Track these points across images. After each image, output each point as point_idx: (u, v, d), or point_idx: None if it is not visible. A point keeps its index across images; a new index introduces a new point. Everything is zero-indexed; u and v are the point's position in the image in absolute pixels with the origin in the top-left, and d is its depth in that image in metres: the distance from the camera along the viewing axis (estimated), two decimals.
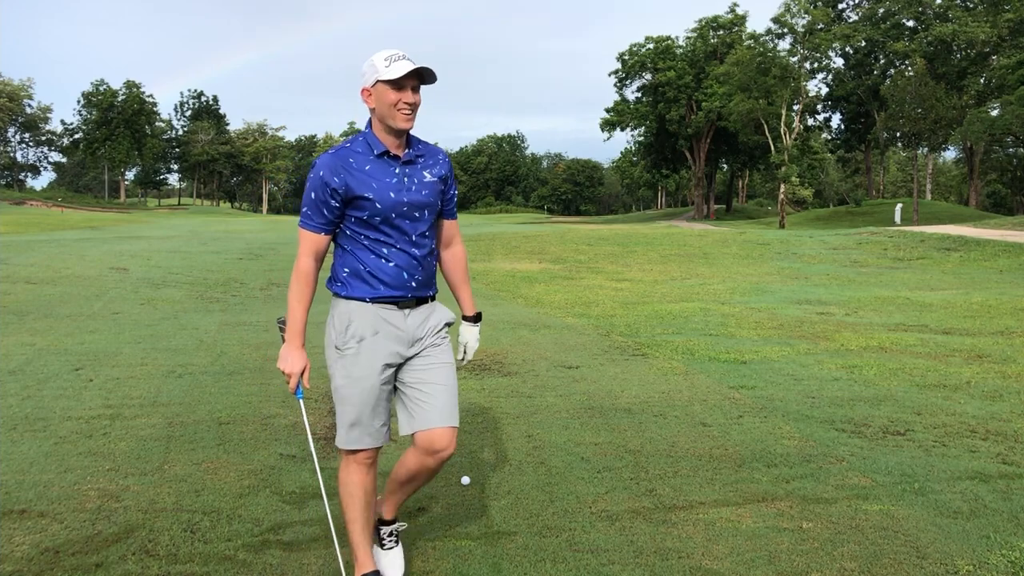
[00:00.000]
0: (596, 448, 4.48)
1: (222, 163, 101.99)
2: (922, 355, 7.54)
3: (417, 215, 2.68)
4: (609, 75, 76.36)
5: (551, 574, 2.94)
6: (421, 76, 2.59)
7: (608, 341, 8.33)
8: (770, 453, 4.39)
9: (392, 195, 2.62)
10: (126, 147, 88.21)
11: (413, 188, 2.67)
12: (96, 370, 6.43)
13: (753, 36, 63.97)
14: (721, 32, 70.09)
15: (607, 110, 76.38)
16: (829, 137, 76.62)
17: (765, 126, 56.82)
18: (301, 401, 2.76)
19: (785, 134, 56.33)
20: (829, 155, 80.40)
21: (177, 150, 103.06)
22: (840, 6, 66.29)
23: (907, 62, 55.38)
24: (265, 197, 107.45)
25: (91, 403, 5.35)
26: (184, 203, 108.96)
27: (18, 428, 4.74)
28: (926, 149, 59.06)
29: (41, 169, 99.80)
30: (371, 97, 2.63)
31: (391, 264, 2.66)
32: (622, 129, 76.74)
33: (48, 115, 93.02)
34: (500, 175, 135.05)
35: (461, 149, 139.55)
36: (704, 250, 23.83)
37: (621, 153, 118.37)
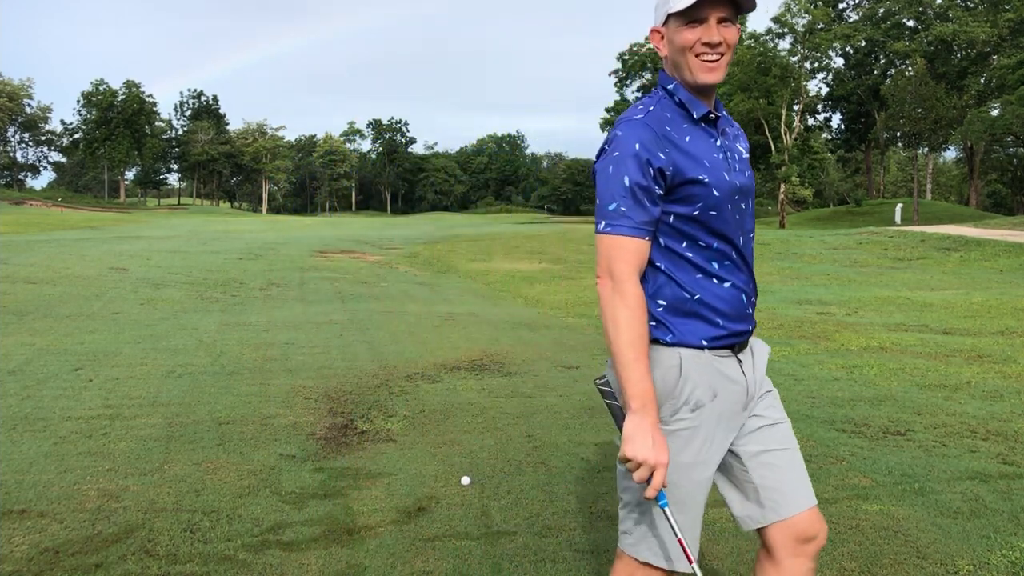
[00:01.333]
0: (596, 448, 4.48)
1: (222, 163, 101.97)
2: (922, 355, 7.54)
3: (744, 207, 1.93)
4: (609, 75, 76.58)
5: (551, 574, 2.94)
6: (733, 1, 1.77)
7: None
8: None
9: (726, 177, 1.85)
10: (126, 147, 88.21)
11: (736, 168, 1.91)
12: (96, 370, 6.43)
13: (753, 36, 63.94)
14: None
15: (607, 110, 76.51)
16: (829, 137, 76.63)
17: (765, 126, 56.82)
18: (667, 510, 1.78)
19: (785, 134, 56.34)
20: (829, 155, 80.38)
21: (177, 150, 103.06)
22: (840, 6, 66.27)
23: (907, 62, 55.39)
24: (265, 197, 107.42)
25: (91, 403, 5.35)
26: (184, 203, 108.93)
27: (18, 428, 4.73)
28: (926, 149, 59.07)
29: (41, 169, 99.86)
30: (663, 40, 1.86)
31: (726, 285, 1.87)
32: None
33: (48, 115, 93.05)
34: (500, 175, 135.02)
35: (461, 149, 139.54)
36: None
37: None
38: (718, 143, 1.87)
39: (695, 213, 1.80)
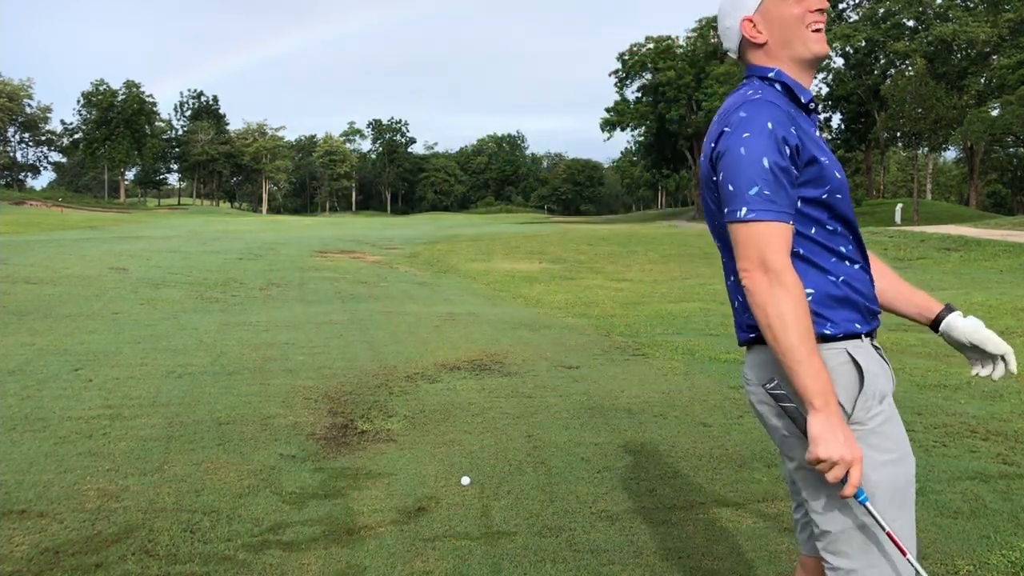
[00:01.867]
0: (596, 448, 4.48)
1: (222, 163, 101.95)
2: (922, 355, 7.54)
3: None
4: (609, 75, 76.36)
5: (551, 574, 2.94)
6: None
7: (608, 341, 8.33)
8: (770, 453, 4.38)
9: (836, 162, 1.76)
10: (126, 147, 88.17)
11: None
12: (96, 370, 6.43)
13: None
14: None
15: (607, 110, 76.38)
16: (829, 137, 76.46)
17: None
18: (868, 505, 1.64)
19: None
20: None
21: (177, 150, 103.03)
22: (840, 6, 66.25)
23: (907, 62, 55.37)
24: (265, 197, 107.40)
25: (91, 403, 5.35)
26: (184, 203, 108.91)
27: (18, 428, 4.73)
28: (926, 149, 59.05)
29: (41, 169, 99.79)
30: (760, 23, 1.77)
31: (857, 267, 1.76)
32: (622, 129, 76.75)
33: (48, 115, 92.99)
34: (500, 175, 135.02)
35: (461, 149, 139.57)
36: (704, 250, 23.83)
37: (621, 153, 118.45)
38: (815, 132, 1.78)
39: (824, 196, 1.69)
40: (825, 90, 67.06)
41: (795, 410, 1.66)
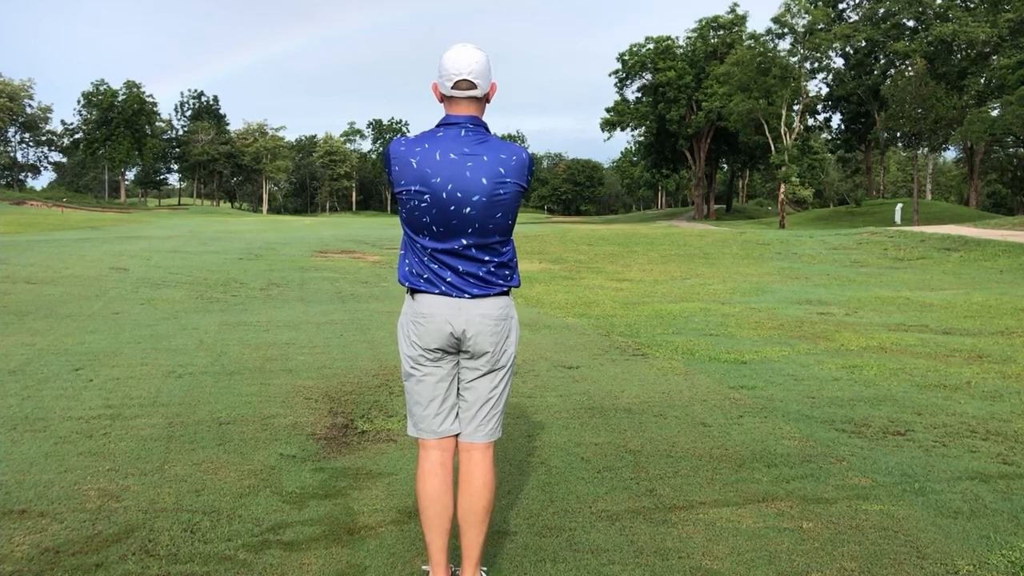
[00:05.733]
0: (596, 448, 4.48)
1: (222, 163, 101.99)
2: (922, 355, 7.54)
3: None
4: (609, 75, 76.40)
5: (551, 574, 2.94)
6: None
7: (608, 341, 8.33)
8: (770, 453, 4.39)
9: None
10: (126, 147, 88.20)
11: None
12: (96, 370, 6.43)
13: (753, 36, 63.96)
14: (721, 32, 70.09)
15: (607, 110, 76.42)
16: (829, 137, 76.61)
17: (765, 126, 56.82)
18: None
19: (785, 134, 56.32)
20: (829, 155, 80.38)
21: (177, 150, 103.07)
22: (840, 6, 66.27)
23: (907, 62, 55.35)
24: (265, 197, 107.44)
25: (91, 403, 5.35)
26: (184, 203, 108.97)
27: (18, 428, 4.74)
28: (926, 149, 59.06)
29: (41, 169, 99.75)
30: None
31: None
32: (622, 129, 76.78)
33: (48, 115, 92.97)
34: None
35: None
36: (704, 250, 23.84)
37: (621, 153, 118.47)
38: None
39: None
40: (825, 90, 67.06)
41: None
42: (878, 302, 12.27)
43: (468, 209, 2.53)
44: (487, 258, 2.61)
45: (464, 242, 2.57)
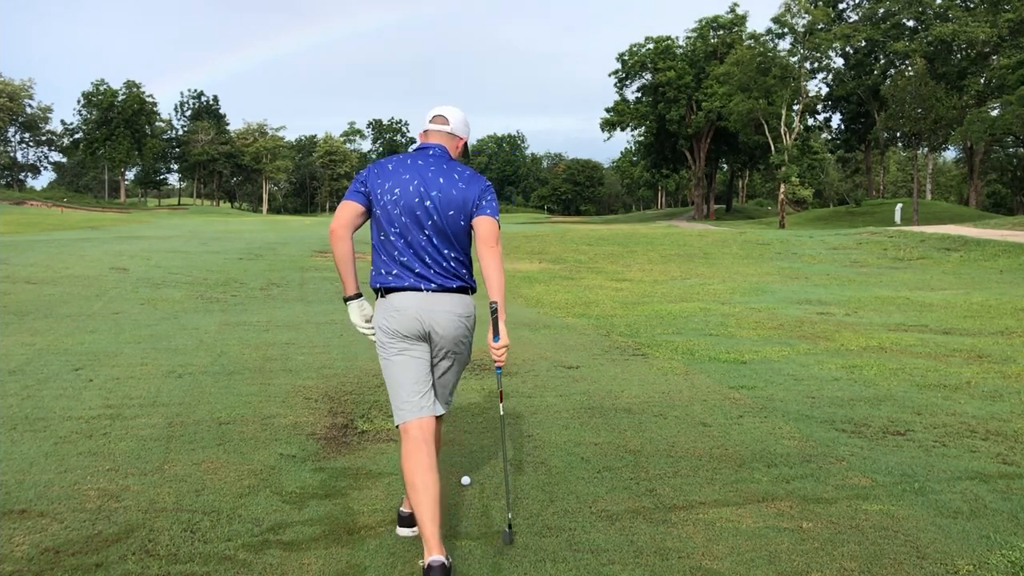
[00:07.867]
0: (596, 448, 4.48)
1: (222, 163, 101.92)
2: (922, 355, 7.54)
3: None
4: (609, 75, 76.39)
5: (551, 574, 2.94)
6: None
7: (608, 341, 8.33)
8: (770, 453, 4.39)
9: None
10: (126, 147, 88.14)
11: None
12: (96, 370, 6.43)
13: (753, 36, 63.96)
14: (721, 32, 70.10)
15: (607, 110, 76.41)
16: (829, 137, 76.60)
17: (765, 126, 56.81)
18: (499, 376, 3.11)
19: (785, 134, 56.31)
20: (829, 155, 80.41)
21: (177, 150, 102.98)
22: (840, 6, 66.24)
23: (907, 62, 55.36)
24: (265, 197, 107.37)
25: (91, 403, 5.35)
26: (184, 203, 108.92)
27: (18, 428, 4.74)
28: (926, 149, 59.06)
29: (41, 169, 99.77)
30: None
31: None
32: (622, 129, 76.78)
33: (48, 115, 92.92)
34: (500, 175, 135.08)
35: None
36: (704, 250, 23.84)
37: (621, 153, 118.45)
38: None
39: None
40: (825, 90, 67.03)
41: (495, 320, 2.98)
42: (878, 302, 12.27)
43: (428, 203, 3.03)
44: (446, 251, 3.07)
45: (427, 233, 3.04)
